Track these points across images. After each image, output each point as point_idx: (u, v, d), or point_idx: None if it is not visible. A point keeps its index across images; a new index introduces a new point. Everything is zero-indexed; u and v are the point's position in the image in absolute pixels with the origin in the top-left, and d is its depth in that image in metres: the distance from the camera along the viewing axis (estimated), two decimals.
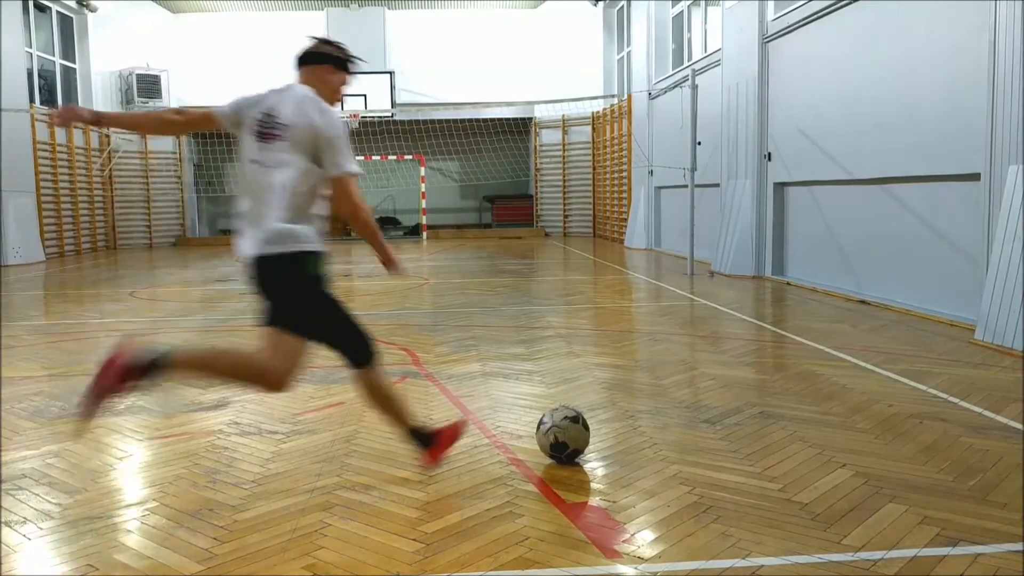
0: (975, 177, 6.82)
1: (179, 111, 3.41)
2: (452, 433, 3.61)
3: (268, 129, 3.13)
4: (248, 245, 3.11)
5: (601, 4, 21.21)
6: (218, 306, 9.34)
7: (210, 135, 23.02)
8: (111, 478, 3.57)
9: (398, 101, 22.34)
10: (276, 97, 3.20)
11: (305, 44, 3.36)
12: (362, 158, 23.56)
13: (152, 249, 21.18)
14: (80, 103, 20.30)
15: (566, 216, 23.38)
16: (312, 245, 3.10)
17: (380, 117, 22.37)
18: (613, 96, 20.90)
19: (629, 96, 18.41)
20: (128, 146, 21.50)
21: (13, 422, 4.43)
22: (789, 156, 10.65)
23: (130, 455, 3.88)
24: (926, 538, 2.79)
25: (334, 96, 3.32)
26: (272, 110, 3.15)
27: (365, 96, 21.89)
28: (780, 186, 11.09)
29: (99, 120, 3.37)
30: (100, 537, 2.90)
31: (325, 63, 3.30)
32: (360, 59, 3.53)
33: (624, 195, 19.27)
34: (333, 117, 3.16)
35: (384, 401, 3.39)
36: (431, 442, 3.50)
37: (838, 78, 9.32)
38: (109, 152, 20.89)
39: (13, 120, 15.93)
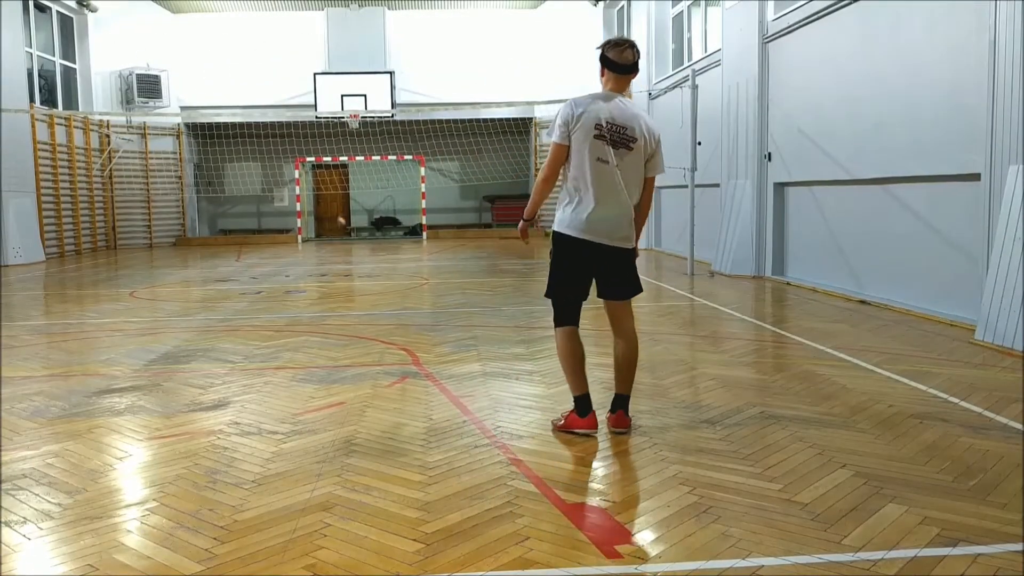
0: (975, 177, 6.82)
1: (547, 174, 3.98)
2: (575, 424, 4.06)
3: (622, 139, 3.89)
4: (616, 236, 3.96)
5: (601, 4, 21.20)
6: (218, 306, 9.34)
7: (209, 135, 23.04)
8: (111, 478, 3.57)
9: (398, 101, 22.34)
10: (614, 108, 3.91)
11: (628, 52, 3.97)
12: (362, 158, 23.59)
13: (152, 249, 21.19)
14: (80, 103, 20.32)
15: None
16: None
17: (380, 117, 22.38)
18: None
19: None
20: (128, 146, 21.51)
21: (13, 422, 4.43)
22: (789, 156, 10.65)
23: (130, 455, 3.88)
24: (926, 538, 2.79)
25: None
26: (617, 121, 3.89)
27: (365, 96, 21.90)
28: (780, 186, 11.09)
29: (532, 219, 4.12)
30: (100, 537, 2.90)
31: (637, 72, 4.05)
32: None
33: None
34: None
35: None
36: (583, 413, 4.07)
37: (838, 78, 9.32)
38: (109, 152, 20.89)
39: (13, 120, 15.93)
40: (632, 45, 4.02)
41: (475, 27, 22.98)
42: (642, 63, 15.75)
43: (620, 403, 4.12)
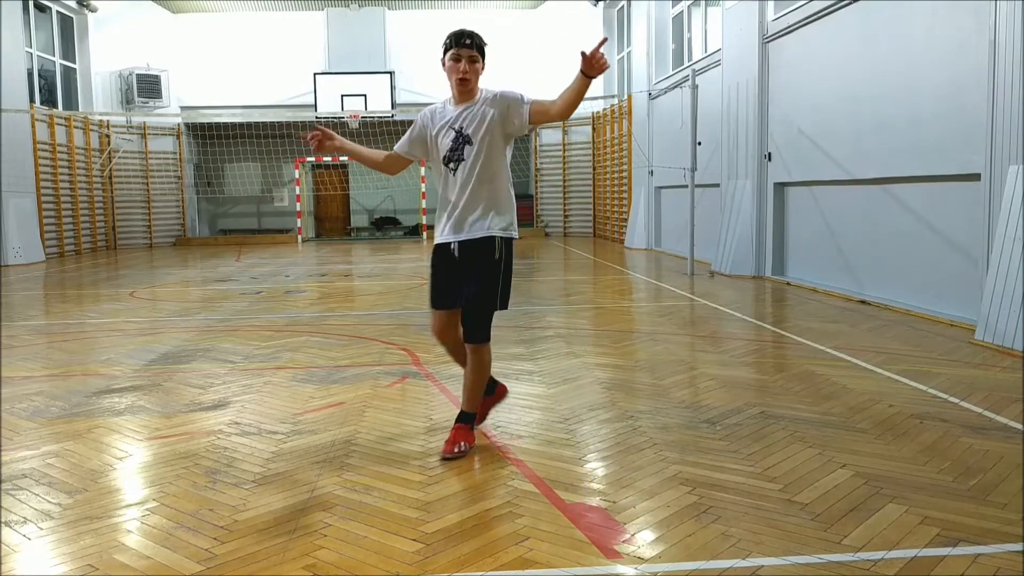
0: (975, 177, 6.82)
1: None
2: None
3: None
4: None
5: (601, 4, 21.21)
6: (218, 306, 9.34)
7: (209, 135, 23.02)
8: (111, 478, 3.56)
9: (398, 101, 22.34)
10: None
11: None
12: None
13: (152, 249, 21.18)
14: (80, 103, 20.31)
15: (566, 216, 23.39)
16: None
17: (380, 117, 22.39)
18: (613, 96, 20.91)
19: (629, 96, 18.41)
20: (128, 146, 21.50)
21: (13, 422, 4.43)
22: (789, 156, 10.65)
23: (130, 455, 3.88)
24: (926, 538, 2.79)
25: (452, 81, 3.85)
26: None
27: (365, 96, 21.90)
28: (780, 186, 11.09)
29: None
30: (100, 537, 2.90)
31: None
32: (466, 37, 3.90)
33: (624, 195, 19.27)
34: None
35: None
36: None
37: (838, 78, 9.32)
38: (109, 152, 20.89)
39: (13, 120, 15.93)
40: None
41: (475, 27, 22.87)
42: (642, 63, 15.72)
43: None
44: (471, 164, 3.79)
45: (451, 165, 3.83)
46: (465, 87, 3.77)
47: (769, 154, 11.18)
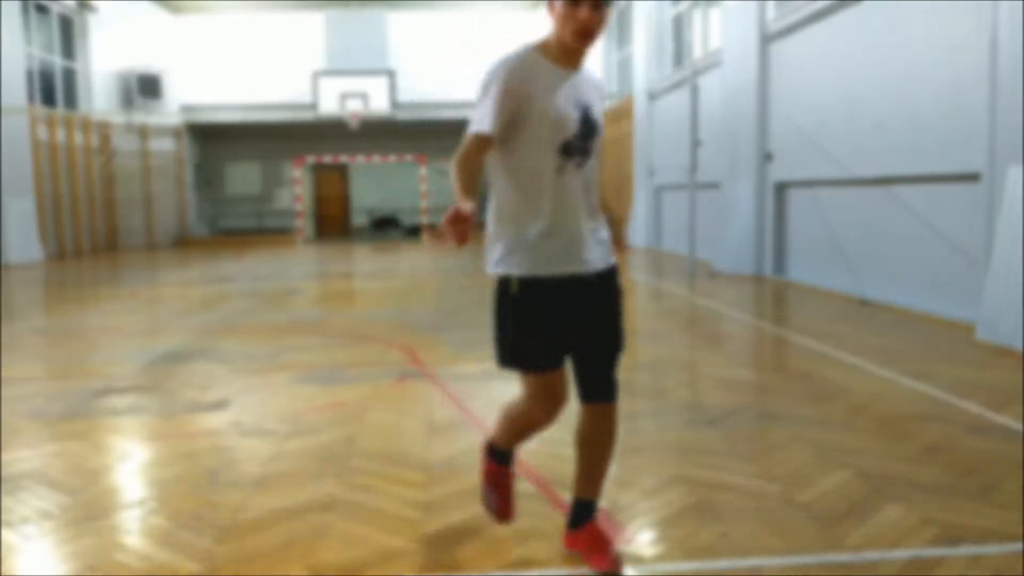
0: (975, 177, 6.82)
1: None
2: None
3: None
4: None
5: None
6: (218, 306, 9.34)
7: (209, 135, 23.02)
8: (111, 478, 3.57)
9: (398, 101, 22.35)
10: None
11: None
12: (362, 158, 23.59)
13: (152, 249, 21.18)
14: (80, 103, 20.29)
15: None
16: (495, 267, 2.63)
17: (380, 117, 22.39)
18: (613, 96, 20.89)
19: (630, 96, 18.41)
20: (128, 146, 21.49)
21: (14, 422, 4.42)
22: (790, 156, 10.65)
23: (130, 455, 3.88)
24: (926, 538, 2.79)
25: (561, 34, 2.42)
26: None
27: (365, 96, 21.91)
28: (781, 186, 11.09)
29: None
30: (100, 537, 2.90)
31: None
32: None
33: (624, 195, 19.26)
34: (485, 73, 2.43)
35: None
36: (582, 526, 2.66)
37: (838, 78, 9.32)
38: (109, 152, 20.88)
39: (13, 120, 15.93)
40: None
41: (475, 27, 22.97)
42: (642, 63, 15.70)
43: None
44: (596, 161, 2.55)
45: (577, 157, 2.45)
46: (586, 43, 2.42)
47: (769, 154, 11.18)
